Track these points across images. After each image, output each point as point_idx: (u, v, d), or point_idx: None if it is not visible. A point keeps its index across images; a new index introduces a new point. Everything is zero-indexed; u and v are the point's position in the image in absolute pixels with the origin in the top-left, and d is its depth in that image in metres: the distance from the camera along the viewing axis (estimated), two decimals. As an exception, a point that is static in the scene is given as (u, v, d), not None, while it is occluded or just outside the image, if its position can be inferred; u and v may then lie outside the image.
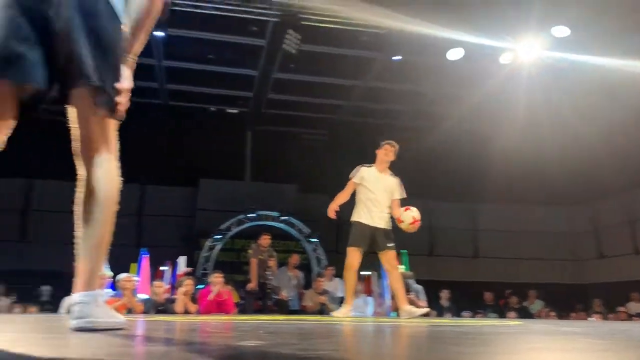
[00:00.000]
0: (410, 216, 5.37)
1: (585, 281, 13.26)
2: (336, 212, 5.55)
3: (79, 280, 1.76)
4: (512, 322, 4.72)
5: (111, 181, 1.81)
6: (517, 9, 7.94)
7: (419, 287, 7.94)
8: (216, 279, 7.84)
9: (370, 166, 5.66)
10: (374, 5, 7.76)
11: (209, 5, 8.05)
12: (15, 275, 9.54)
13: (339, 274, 9.79)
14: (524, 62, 9.00)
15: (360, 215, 5.49)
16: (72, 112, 1.83)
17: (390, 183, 5.60)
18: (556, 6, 7.83)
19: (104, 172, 1.80)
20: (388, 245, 5.46)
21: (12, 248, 10.75)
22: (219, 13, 8.15)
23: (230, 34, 9.07)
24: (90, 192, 1.80)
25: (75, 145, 1.84)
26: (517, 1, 7.84)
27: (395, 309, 7.67)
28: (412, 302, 7.43)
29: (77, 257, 1.78)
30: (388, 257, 5.47)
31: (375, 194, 5.51)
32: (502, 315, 10.08)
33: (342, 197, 5.63)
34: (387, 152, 5.62)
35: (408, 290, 7.57)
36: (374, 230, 5.45)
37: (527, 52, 8.80)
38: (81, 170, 1.84)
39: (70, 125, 1.85)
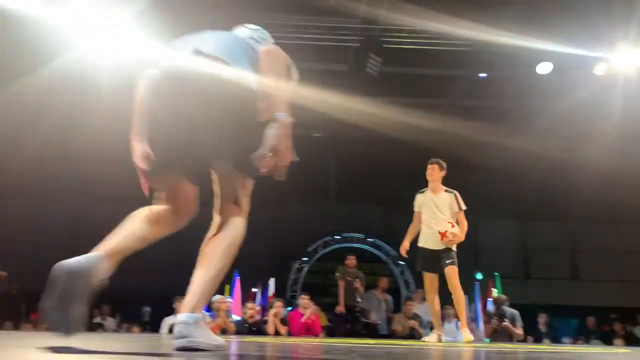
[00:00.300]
0: (444, 229, 5.28)
1: None
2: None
3: (186, 302, 1.87)
4: (618, 350, 4.38)
5: (236, 235, 2.05)
6: (611, 17, 7.52)
7: (515, 313, 7.57)
8: (304, 301, 7.94)
9: (424, 191, 5.69)
10: (459, 19, 7.62)
11: (293, 35, 8.31)
12: (119, 296, 10.15)
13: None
14: (619, 72, 8.47)
15: (420, 240, 5.59)
16: (213, 174, 2.10)
17: (442, 201, 5.52)
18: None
19: (233, 226, 2.05)
20: (445, 263, 5.36)
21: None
22: (301, 42, 8.39)
23: (312, 62, 9.29)
24: (217, 235, 2.03)
25: (215, 202, 2.12)
26: (611, 9, 7.42)
27: (491, 334, 7.37)
28: (507, 329, 7.12)
29: (192, 281, 1.92)
30: (447, 277, 5.33)
31: (430, 216, 5.50)
32: (606, 342, 9.37)
33: (411, 230, 5.71)
34: (429, 172, 5.64)
35: (503, 316, 7.23)
36: (432, 252, 5.44)
37: (624, 62, 8.28)
38: (216, 219, 2.11)
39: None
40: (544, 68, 8.60)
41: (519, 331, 7.21)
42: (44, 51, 7.51)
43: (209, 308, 7.46)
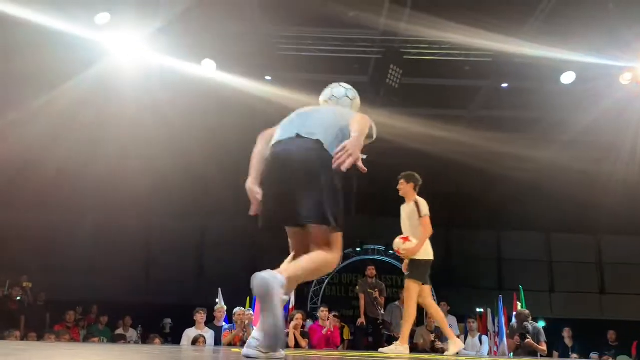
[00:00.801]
0: (397, 246, 5.22)
1: None
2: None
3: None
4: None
5: (323, 259, 2.54)
6: (634, 26, 7.41)
7: (538, 327, 7.40)
8: (323, 313, 7.89)
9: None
10: (480, 29, 7.58)
11: (312, 47, 8.35)
12: (141, 307, 10.23)
13: (452, 311, 9.45)
14: (646, 81, 8.31)
15: None
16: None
17: (406, 212, 5.42)
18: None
19: (322, 253, 2.53)
20: (405, 275, 5.30)
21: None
22: (321, 55, 8.43)
23: (333, 74, 9.32)
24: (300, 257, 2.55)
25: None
26: (634, 18, 7.32)
27: (514, 349, 7.22)
28: (529, 345, 6.97)
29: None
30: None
31: (403, 228, 5.42)
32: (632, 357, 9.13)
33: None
34: (399, 188, 5.51)
35: (526, 331, 7.09)
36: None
37: (650, 70, 8.13)
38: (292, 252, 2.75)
39: None
40: (567, 78, 8.48)
41: (543, 347, 7.06)
42: (73, 64, 7.70)
43: (228, 319, 7.46)
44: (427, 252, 5.21)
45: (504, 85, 9.22)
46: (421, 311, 10.14)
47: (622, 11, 7.26)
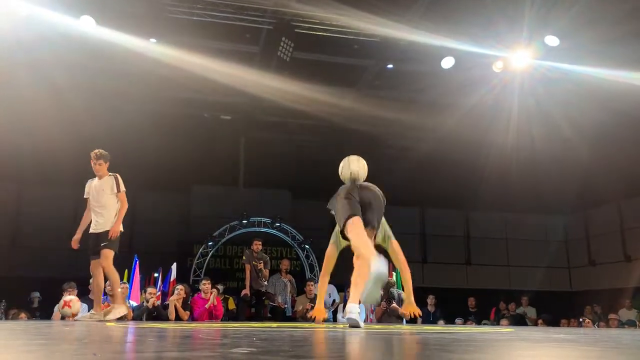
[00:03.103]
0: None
1: (576, 288, 13.35)
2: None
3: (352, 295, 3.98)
4: (504, 329, 4.74)
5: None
6: (508, 19, 8.03)
7: (402, 294, 7.95)
8: (205, 286, 7.83)
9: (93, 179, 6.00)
10: (368, 13, 7.81)
11: (203, 12, 8.07)
12: (4, 280, 9.46)
13: (332, 280, 9.80)
14: (516, 70, 9.07)
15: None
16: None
17: (102, 187, 5.93)
18: (545, 16, 7.93)
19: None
20: (100, 246, 5.66)
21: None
22: (213, 20, 8.18)
23: (223, 41, 9.09)
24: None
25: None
26: (507, 11, 7.92)
27: (381, 315, 7.68)
28: (395, 309, 7.48)
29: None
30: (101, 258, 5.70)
31: (94, 202, 5.88)
32: (494, 322, 10.13)
33: (84, 219, 6.03)
34: (97, 168, 5.91)
35: (392, 299, 7.59)
36: (95, 236, 5.81)
37: (519, 61, 8.88)
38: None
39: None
40: (447, 63, 8.99)
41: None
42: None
43: (105, 292, 7.13)
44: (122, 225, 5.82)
45: (389, 66, 9.57)
46: (303, 283, 10.47)
47: (498, 3, 7.82)
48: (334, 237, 4.33)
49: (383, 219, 4.25)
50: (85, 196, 5.92)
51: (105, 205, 5.76)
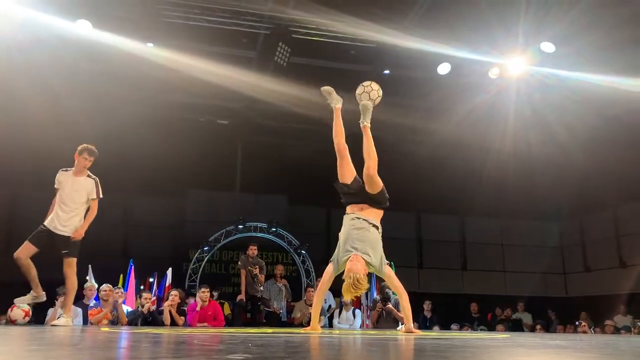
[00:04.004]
0: None
1: (572, 294, 13.36)
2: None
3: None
4: (499, 335, 4.73)
5: None
6: (504, 26, 8.08)
7: (398, 299, 7.96)
8: (203, 294, 7.67)
9: (68, 170, 5.63)
10: (364, 19, 7.85)
11: (200, 17, 8.08)
12: None
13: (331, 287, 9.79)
14: (512, 76, 9.11)
15: (47, 220, 5.56)
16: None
17: (82, 186, 5.58)
18: (541, 23, 7.97)
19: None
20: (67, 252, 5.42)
21: None
22: (210, 25, 8.19)
23: (220, 46, 9.10)
24: None
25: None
26: (503, 18, 7.96)
27: (376, 319, 7.68)
28: (390, 310, 7.51)
29: None
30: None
31: (69, 198, 5.54)
32: (490, 328, 10.12)
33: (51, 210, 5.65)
34: (88, 164, 5.65)
35: (387, 299, 7.60)
36: (56, 236, 5.50)
37: (515, 67, 8.93)
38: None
39: None
40: (443, 69, 9.03)
41: (402, 315, 7.60)
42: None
43: (98, 297, 7.10)
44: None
45: (386, 72, 9.60)
46: (300, 287, 10.42)
47: (493, 10, 7.87)
48: (335, 258, 4.28)
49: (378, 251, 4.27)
50: (55, 186, 5.54)
51: (78, 207, 5.46)
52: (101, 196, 5.58)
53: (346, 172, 4.44)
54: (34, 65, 8.20)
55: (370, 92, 4.71)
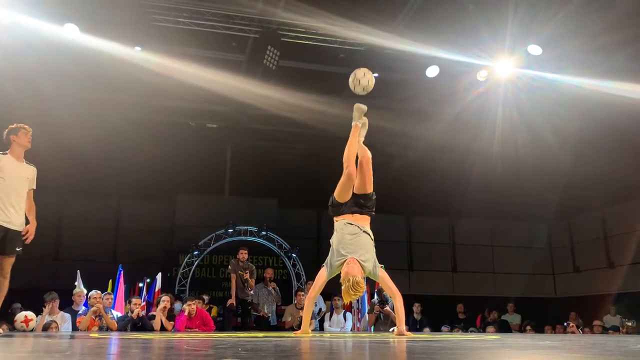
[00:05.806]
0: None
1: (561, 295, 13.46)
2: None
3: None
4: (490, 337, 4.75)
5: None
6: (492, 29, 8.14)
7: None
8: (190, 307, 7.40)
9: (6, 153, 4.81)
10: (353, 22, 7.87)
11: (189, 20, 8.06)
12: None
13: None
14: (500, 79, 9.18)
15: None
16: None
17: (26, 175, 4.83)
18: (528, 26, 8.05)
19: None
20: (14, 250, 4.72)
21: None
22: (199, 29, 8.18)
23: (209, 49, 9.08)
24: None
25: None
26: (491, 21, 8.03)
27: (374, 322, 7.70)
28: (387, 312, 7.53)
29: None
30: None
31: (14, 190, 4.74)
32: (478, 329, 10.15)
33: None
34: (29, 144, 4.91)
35: (385, 302, 7.62)
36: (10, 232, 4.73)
37: (503, 70, 8.99)
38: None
39: None
40: (432, 72, 9.07)
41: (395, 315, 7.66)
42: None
43: (87, 303, 7.04)
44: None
45: (375, 74, 9.61)
46: (290, 291, 10.41)
47: (481, 13, 7.93)
48: (328, 262, 4.29)
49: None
50: None
51: (23, 198, 4.67)
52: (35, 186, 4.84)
53: (346, 195, 4.45)
54: (21, 70, 8.13)
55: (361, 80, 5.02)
